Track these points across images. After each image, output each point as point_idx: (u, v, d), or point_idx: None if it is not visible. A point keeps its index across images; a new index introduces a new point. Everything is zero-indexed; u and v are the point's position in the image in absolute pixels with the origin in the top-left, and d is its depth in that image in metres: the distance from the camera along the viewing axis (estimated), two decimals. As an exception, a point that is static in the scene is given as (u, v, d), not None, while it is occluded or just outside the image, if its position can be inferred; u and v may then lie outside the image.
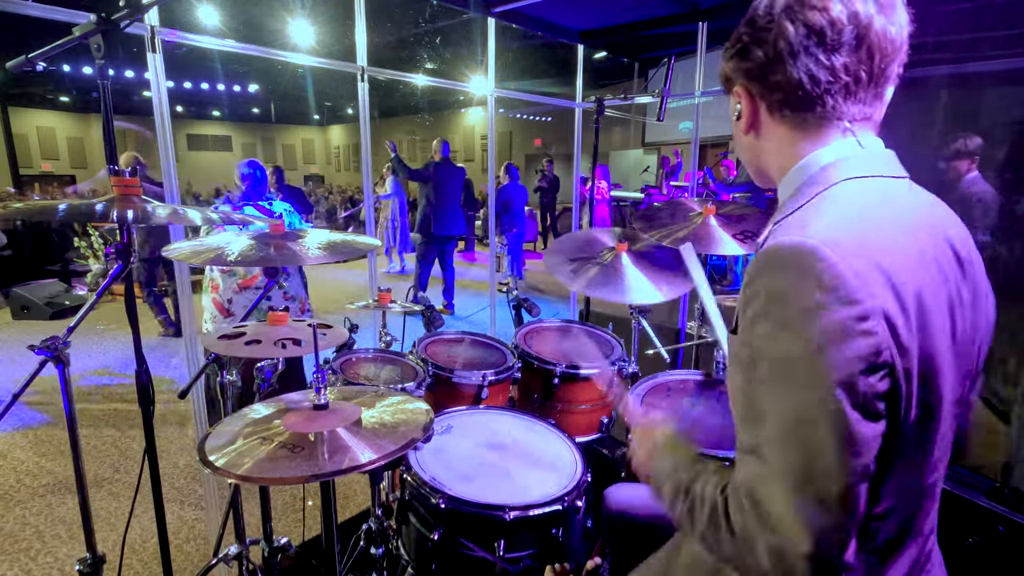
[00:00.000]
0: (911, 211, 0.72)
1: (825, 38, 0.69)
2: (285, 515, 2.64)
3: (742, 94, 0.79)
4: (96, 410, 3.79)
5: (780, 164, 0.80)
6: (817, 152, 0.76)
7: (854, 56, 0.70)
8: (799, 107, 0.74)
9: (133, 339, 1.44)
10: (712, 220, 2.06)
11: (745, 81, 0.78)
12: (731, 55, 0.79)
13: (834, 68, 0.70)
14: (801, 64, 0.71)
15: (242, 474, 0.98)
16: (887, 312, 0.62)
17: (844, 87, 0.72)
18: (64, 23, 1.61)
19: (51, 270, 7.22)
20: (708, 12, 3.21)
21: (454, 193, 5.82)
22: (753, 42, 0.74)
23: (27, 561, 2.33)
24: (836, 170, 0.74)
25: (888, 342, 0.61)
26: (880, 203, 0.70)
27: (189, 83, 13.86)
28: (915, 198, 0.75)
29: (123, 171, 1.28)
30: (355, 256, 1.56)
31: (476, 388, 1.94)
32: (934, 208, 0.76)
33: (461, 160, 15.31)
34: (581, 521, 1.46)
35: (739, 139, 0.86)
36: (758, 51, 0.74)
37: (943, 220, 0.75)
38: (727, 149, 9.42)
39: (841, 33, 0.69)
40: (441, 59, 10.51)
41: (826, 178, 0.74)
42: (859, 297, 0.60)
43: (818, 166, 0.75)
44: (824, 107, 0.73)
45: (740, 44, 0.77)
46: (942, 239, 0.72)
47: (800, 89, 0.72)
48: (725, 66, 0.82)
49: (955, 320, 0.70)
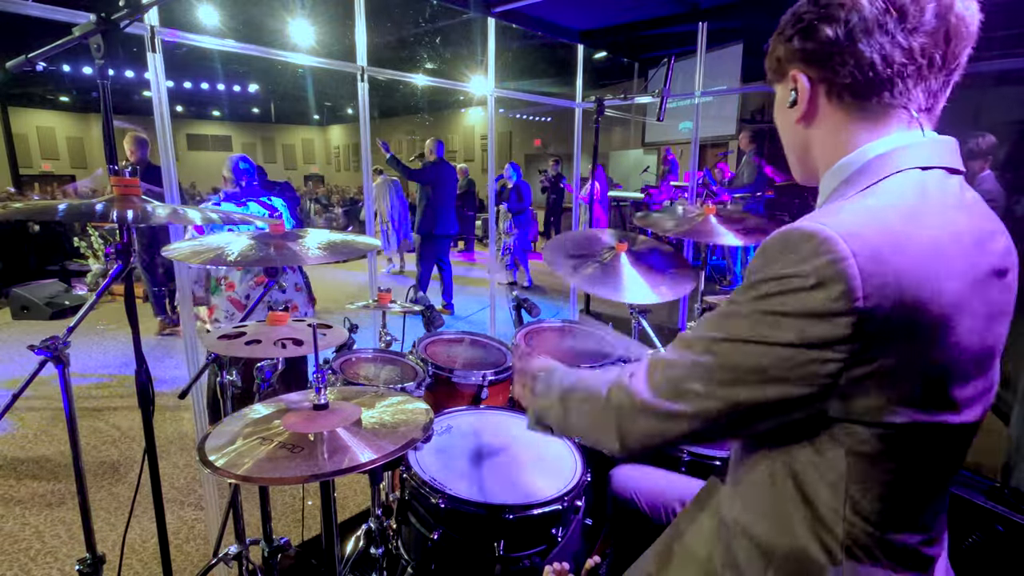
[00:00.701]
0: (956, 213, 0.67)
1: (907, 15, 0.65)
2: (285, 515, 2.64)
3: (799, 79, 0.73)
4: (96, 410, 3.79)
5: (828, 157, 0.75)
6: (873, 143, 0.71)
7: (931, 38, 0.65)
8: (864, 92, 0.69)
9: (133, 339, 1.44)
10: (712, 218, 2.07)
11: (804, 64, 0.72)
12: (789, 36, 0.73)
13: (911, 48, 0.65)
14: (875, 43, 0.66)
15: (242, 474, 0.98)
16: (881, 316, 0.59)
17: (917, 70, 0.67)
18: (64, 23, 1.61)
19: (51, 270, 7.22)
20: (708, 12, 3.21)
21: (451, 192, 5.95)
22: (820, 20, 0.69)
23: (27, 561, 2.33)
24: (892, 159, 0.69)
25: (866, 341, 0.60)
26: (924, 198, 0.66)
27: (189, 83, 13.86)
28: (964, 199, 0.70)
29: (123, 171, 1.28)
30: (355, 256, 1.56)
31: (476, 388, 1.94)
32: (981, 214, 0.71)
33: (461, 160, 15.30)
34: (581, 521, 1.46)
35: (787, 128, 0.80)
36: (826, 29, 0.68)
37: (989, 228, 0.70)
38: (727, 149, 9.42)
39: (923, 11, 0.64)
40: (441, 59, 10.50)
41: (879, 168, 0.69)
42: (853, 294, 0.59)
43: (869, 156, 0.70)
44: (892, 92, 0.68)
45: (802, 24, 0.71)
46: (985, 248, 0.68)
47: (871, 70, 0.67)
48: (779, 49, 0.76)
49: (986, 330, 0.67)
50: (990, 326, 0.68)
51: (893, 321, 0.60)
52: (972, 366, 0.66)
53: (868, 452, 0.66)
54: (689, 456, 1.56)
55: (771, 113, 0.90)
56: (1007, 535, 1.65)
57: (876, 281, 0.59)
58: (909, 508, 0.70)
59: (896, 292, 0.60)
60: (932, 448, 0.68)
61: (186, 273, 2.12)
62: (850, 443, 0.66)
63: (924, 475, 0.69)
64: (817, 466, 0.69)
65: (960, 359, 0.64)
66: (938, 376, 0.64)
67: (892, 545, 0.70)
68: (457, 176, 6.00)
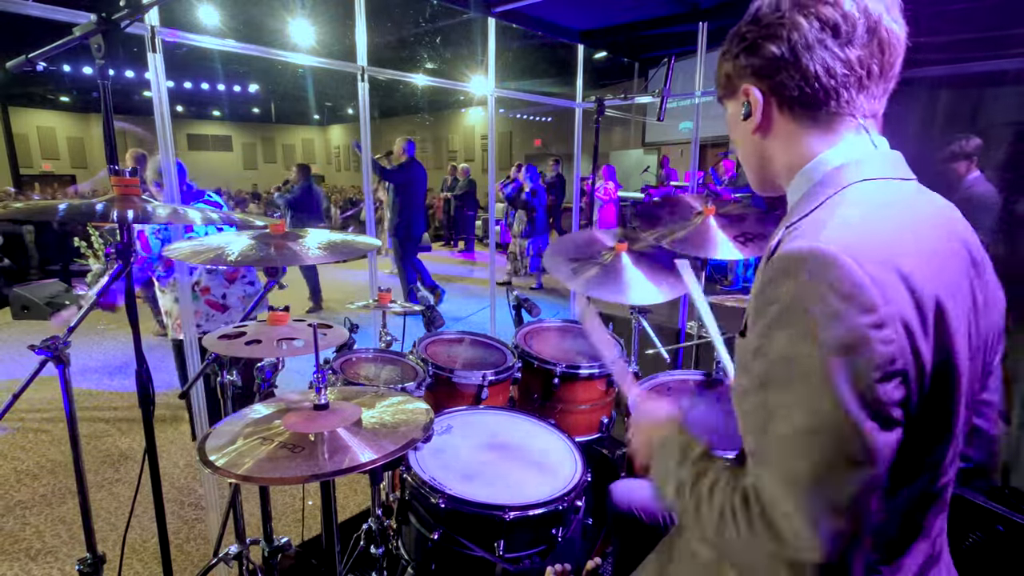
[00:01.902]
0: (926, 214, 0.72)
1: (839, 31, 0.70)
2: (285, 515, 2.64)
3: (752, 91, 0.77)
4: (96, 410, 3.79)
5: (788, 165, 0.79)
6: (828, 152, 0.75)
7: (866, 50, 0.71)
8: (812, 103, 0.74)
9: (133, 339, 1.44)
10: (712, 221, 2.05)
11: (754, 79, 0.77)
12: (735, 53, 0.78)
13: (849, 60, 0.71)
14: (817, 57, 0.71)
15: (242, 474, 0.98)
16: (904, 318, 0.61)
17: (858, 80, 0.72)
18: (64, 23, 1.61)
19: (51, 270, 7.22)
20: (708, 12, 3.21)
21: (423, 192, 5.92)
22: (763, 38, 0.74)
23: (27, 561, 2.33)
24: (848, 172, 0.73)
25: (904, 349, 0.61)
26: (894, 206, 0.70)
27: (189, 83, 13.86)
28: (927, 201, 0.75)
29: (123, 171, 1.28)
30: (355, 256, 1.56)
31: (476, 388, 1.94)
32: (946, 211, 0.75)
33: (461, 160, 15.30)
34: (581, 521, 1.46)
35: (744, 141, 0.84)
36: (770, 47, 0.73)
37: (956, 223, 0.75)
38: (727, 149, 9.42)
39: (855, 26, 0.70)
40: (441, 59, 10.51)
41: (838, 180, 0.73)
42: (877, 303, 0.60)
43: (829, 167, 0.75)
44: (838, 101, 0.73)
45: (746, 42, 0.76)
46: (958, 242, 0.72)
47: (816, 82, 0.72)
48: (727, 66, 0.80)
49: (972, 323, 0.70)
50: (984, 314, 0.72)
51: (913, 325, 0.62)
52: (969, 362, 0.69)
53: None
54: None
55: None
56: (1007, 535, 1.65)
57: (889, 285, 0.61)
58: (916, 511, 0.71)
59: (908, 292, 0.62)
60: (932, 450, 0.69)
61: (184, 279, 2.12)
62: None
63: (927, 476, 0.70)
64: None
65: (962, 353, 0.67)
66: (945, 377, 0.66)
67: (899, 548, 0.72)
68: (426, 175, 5.90)
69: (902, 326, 0.61)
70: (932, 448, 0.69)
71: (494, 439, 1.63)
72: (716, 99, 0.87)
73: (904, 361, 0.61)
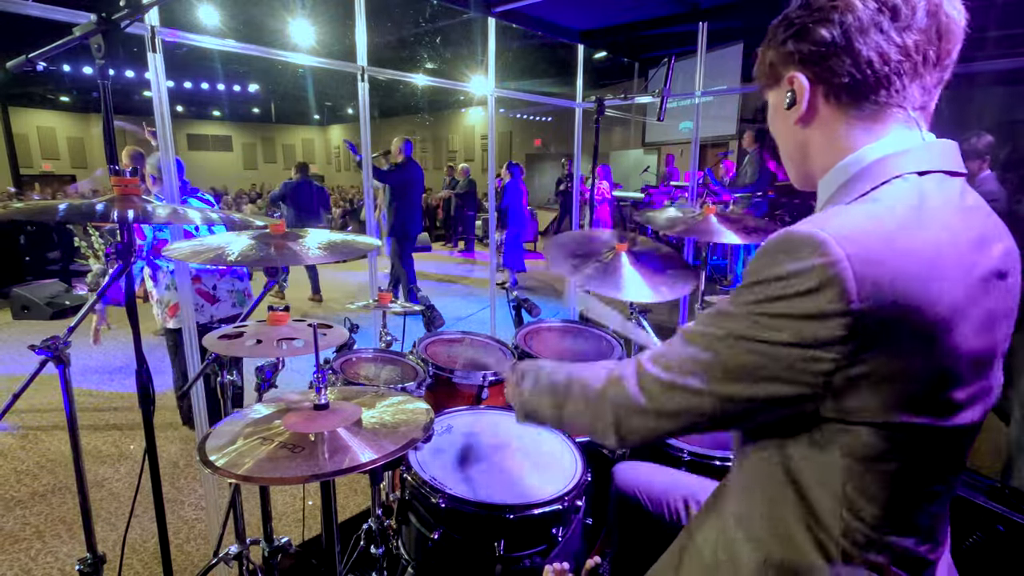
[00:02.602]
0: (956, 216, 0.67)
1: (899, 14, 0.66)
2: (285, 515, 2.64)
3: (797, 78, 0.73)
4: (96, 410, 3.79)
5: (825, 160, 0.75)
6: (872, 145, 0.71)
7: (924, 35, 0.67)
8: (862, 92, 0.70)
9: (133, 339, 1.44)
10: (712, 218, 2.07)
11: (800, 66, 0.73)
12: (783, 39, 0.74)
13: (905, 46, 0.67)
14: (871, 41, 0.67)
15: (242, 474, 0.98)
16: (877, 319, 0.60)
17: (913, 67, 0.68)
18: (64, 23, 1.61)
19: (51, 270, 7.22)
20: (708, 12, 3.21)
21: (420, 192, 5.92)
22: (814, 22, 0.70)
23: (27, 561, 2.33)
24: (888, 165, 0.69)
25: (862, 343, 0.60)
26: (923, 203, 0.66)
27: (189, 83, 13.85)
28: (966, 203, 0.70)
29: (123, 171, 1.28)
30: (355, 256, 1.56)
31: (476, 388, 1.94)
32: (982, 216, 0.71)
33: (461, 160, 15.31)
34: (581, 520, 1.46)
35: (785, 133, 0.80)
36: (821, 31, 0.69)
37: (990, 230, 0.70)
38: (727, 149, 9.42)
39: (915, 9, 0.66)
40: (441, 59, 10.50)
41: (877, 174, 0.70)
42: (848, 297, 0.59)
43: (868, 160, 0.71)
44: (889, 90, 0.69)
45: (795, 27, 0.72)
46: (985, 250, 0.68)
47: (869, 68, 0.68)
48: (771, 54, 0.77)
49: (985, 334, 0.67)
50: (991, 328, 0.68)
51: (888, 323, 0.60)
52: (971, 368, 0.66)
53: (864, 453, 0.66)
54: (689, 456, 1.56)
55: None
56: (1007, 535, 1.65)
57: (870, 284, 0.60)
58: (907, 511, 0.70)
59: (891, 295, 0.60)
60: (930, 450, 0.68)
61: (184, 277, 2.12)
62: (846, 444, 0.66)
63: (922, 477, 0.69)
64: (814, 466, 0.69)
65: (959, 361, 0.64)
66: (936, 378, 0.64)
67: (890, 547, 0.70)
68: (423, 175, 5.89)
69: (867, 324, 0.60)
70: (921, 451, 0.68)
71: (494, 439, 1.63)
72: (758, 90, 0.83)
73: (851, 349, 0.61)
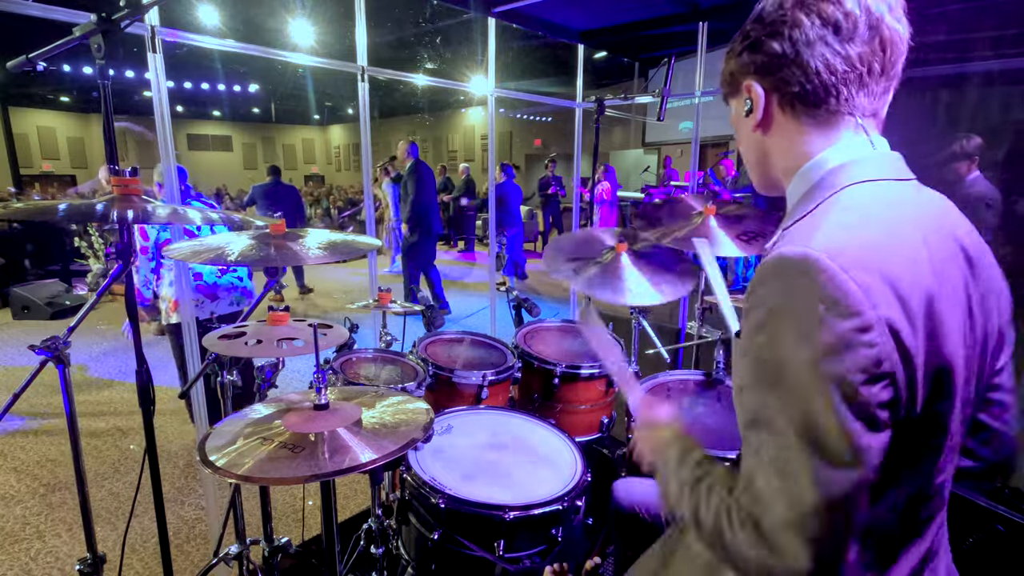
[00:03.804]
0: (919, 215, 0.72)
1: (840, 28, 0.71)
2: (285, 515, 2.64)
3: (753, 87, 0.78)
4: (96, 410, 3.79)
5: (787, 164, 0.80)
6: (827, 151, 0.76)
7: (867, 47, 0.71)
8: (813, 100, 0.74)
9: (133, 339, 1.44)
10: (712, 221, 2.05)
11: (756, 76, 0.78)
12: (739, 51, 0.79)
13: (850, 57, 0.71)
14: (818, 53, 0.72)
15: (242, 474, 0.98)
16: (891, 322, 0.61)
17: (859, 77, 0.72)
18: (64, 23, 1.61)
19: (51, 270, 7.22)
20: (708, 12, 3.21)
21: (434, 191, 5.89)
22: (766, 36, 0.75)
23: (27, 561, 2.33)
24: (845, 173, 0.74)
25: (890, 352, 0.61)
26: (888, 208, 0.71)
27: (189, 83, 13.84)
28: (923, 201, 0.75)
29: (123, 171, 1.28)
30: (355, 256, 1.56)
31: (476, 388, 1.94)
32: (942, 209, 0.76)
33: (461, 160, 15.31)
34: (581, 521, 1.46)
35: (746, 139, 0.85)
36: (772, 43, 0.74)
37: (952, 221, 0.75)
38: (727, 149, 9.42)
39: (856, 24, 0.70)
40: (441, 59, 10.50)
41: (834, 182, 0.74)
42: (861, 309, 0.60)
43: (827, 168, 0.75)
44: (838, 99, 0.73)
45: (750, 40, 0.77)
46: (952, 241, 0.72)
47: (817, 78, 0.72)
48: (730, 64, 0.81)
49: (967, 323, 0.70)
50: (980, 309, 0.72)
51: (900, 328, 0.62)
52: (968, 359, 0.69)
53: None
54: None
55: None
56: (1008, 535, 1.65)
57: (874, 290, 0.62)
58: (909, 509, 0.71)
59: (895, 296, 0.62)
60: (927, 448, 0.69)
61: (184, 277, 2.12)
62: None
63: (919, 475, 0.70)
64: None
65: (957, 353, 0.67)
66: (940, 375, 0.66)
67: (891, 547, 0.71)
68: (432, 172, 5.91)
69: (888, 329, 0.61)
70: (925, 449, 0.69)
71: (494, 439, 1.63)
72: (722, 98, 0.88)
73: (891, 363, 0.61)
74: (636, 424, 0.97)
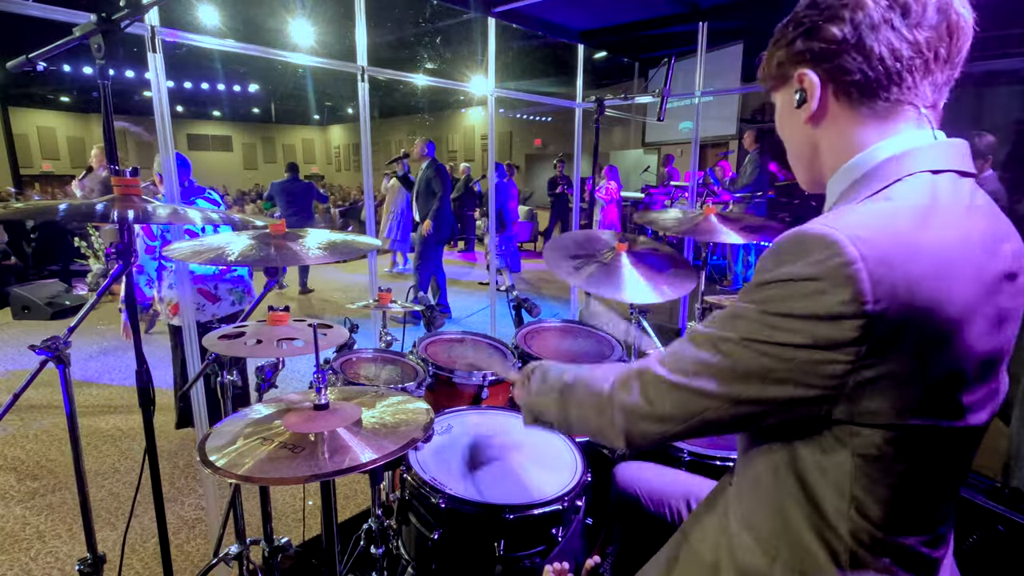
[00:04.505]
0: (970, 219, 0.67)
1: (910, 11, 0.67)
2: (285, 515, 2.64)
3: (807, 76, 0.73)
4: (96, 410, 3.79)
5: (836, 159, 0.75)
6: (881, 143, 0.71)
7: (935, 31, 0.67)
8: (873, 89, 0.70)
9: (133, 339, 1.44)
10: (713, 218, 2.07)
11: (811, 64, 0.73)
12: (792, 39, 0.74)
13: (917, 42, 0.67)
14: (882, 38, 0.67)
15: (243, 474, 0.97)
16: (890, 319, 0.59)
17: (924, 64, 0.68)
18: (64, 23, 1.61)
19: (51, 270, 7.22)
20: (708, 12, 3.21)
21: (450, 190, 5.86)
22: (825, 20, 0.70)
23: (27, 561, 2.33)
24: (902, 163, 0.69)
25: (874, 345, 0.60)
26: (939, 204, 0.66)
27: (189, 83, 13.86)
28: (977, 203, 0.70)
29: (124, 171, 1.28)
30: (355, 256, 1.56)
31: (476, 388, 1.94)
32: (994, 219, 0.71)
33: (461, 160, 15.32)
34: (581, 520, 1.46)
35: (795, 133, 0.80)
36: (832, 29, 0.69)
37: (1002, 232, 0.70)
38: (727, 149, 9.42)
39: (925, 7, 0.67)
40: (441, 59, 10.51)
41: (889, 173, 0.69)
42: (864, 297, 0.59)
43: (879, 159, 0.70)
44: (900, 87, 0.69)
45: (804, 26, 0.72)
46: (999, 256, 0.67)
47: (881, 64, 0.68)
48: (779, 54, 0.76)
49: (994, 334, 0.66)
50: (999, 330, 0.67)
51: (902, 325, 0.60)
52: (980, 370, 0.66)
53: (874, 454, 0.66)
54: (689, 456, 1.56)
55: (772, 112, 0.88)
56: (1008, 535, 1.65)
57: (886, 285, 0.59)
58: (915, 511, 0.70)
59: (906, 296, 0.59)
60: (939, 452, 0.68)
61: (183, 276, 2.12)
62: (856, 445, 0.66)
63: (930, 478, 0.69)
64: (822, 467, 0.69)
65: (969, 363, 0.64)
66: (946, 380, 0.64)
67: (898, 548, 0.70)
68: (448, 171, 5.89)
69: (882, 324, 0.59)
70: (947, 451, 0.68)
71: (494, 439, 1.63)
72: (765, 92, 0.83)
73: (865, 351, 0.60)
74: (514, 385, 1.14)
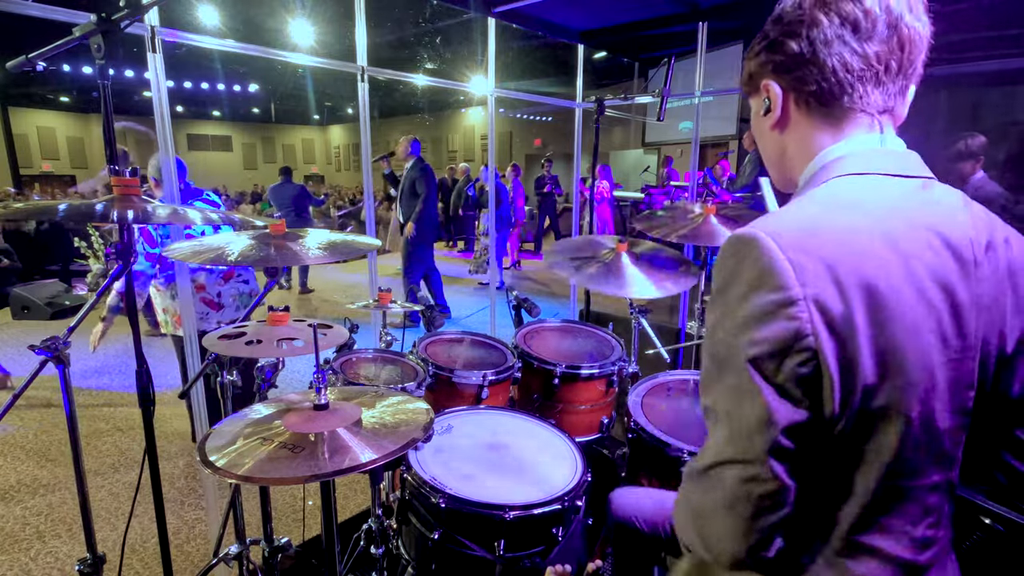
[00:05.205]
0: (894, 208, 0.70)
1: (859, 27, 0.71)
2: (285, 515, 2.64)
3: (771, 87, 0.79)
4: (96, 410, 3.79)
5: (801, 163, 0.81)
6: (833, 146, 0.76)
7: (885, 45, 0.71)
8: (827, 98, 0.75)
9: (133, 339, 1.44)
10: (713, 219, 2.07)
11: (774, 75, 0.79)
12: (758, 51, 0.80)
13: (867, 56, 0.72)
14: (835, 52, 0.72)
15: (243, 474, 0.98)
16: (820, 300, 0.62)
17: (875, 75, 0.73)
18: (64, 23, 1.61)
19: (51, 270, 7.23)
20: (708, 12, 3.21)
21: (435, 190, 5.80)
22: (784, 35, 0.76)
23: (27, 561, 2.33)
24: (837, 167, 0.74)
25: (817, 330, 0.62)
26: (856, 199, 0.71)
27: (189, 83, 13.87)
28: (915, 197, 0.72)
29: (123, 171, 1.28)
30: (355, 256, 1.56)
31: (476, 388, 1.94)
32: (941, 207, 0.72)
33: (461, 160, 15.32)
34: (582, 520, 1.46)
35: (765, 138, 0.86)
36: (791, 43, 0.75)
37: (941, 219, 0.71)
38: (727, 149, 9.42)
39: (875, 23, 0.71)
40: (441, 59, 10.51)
41: (825, 175, 0.75)
42: (787, 284, 0.62)
43: (827, 160, 0.76)
44: (852, 96, 0.74)
45: (768, 40, 0.78)
46: (933, 237, 0.69)
47: (833, 76, 0.73)
48: (750, 64, 0.83)
49: (949, 322, 0.67)
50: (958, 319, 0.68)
51: (832, 307, 0.63)
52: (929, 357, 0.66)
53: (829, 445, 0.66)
54: (689, 456, 1.56)
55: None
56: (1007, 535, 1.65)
57: (808, 270, 0.63)
58: (885, 509, 0.69)
59: (831, 278, 0.63)
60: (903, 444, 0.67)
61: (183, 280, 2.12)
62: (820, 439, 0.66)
63: (896, 473, 0.68)
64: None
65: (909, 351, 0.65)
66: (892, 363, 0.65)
67: (871, 549, 0.70)
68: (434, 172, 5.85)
69: (815, 306, 0.62)
70: (881, 440, 0.67)
71: (494, 439, 1.63)
72: (742, 96, 0.89)
73: (815, 340, 0.62)
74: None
